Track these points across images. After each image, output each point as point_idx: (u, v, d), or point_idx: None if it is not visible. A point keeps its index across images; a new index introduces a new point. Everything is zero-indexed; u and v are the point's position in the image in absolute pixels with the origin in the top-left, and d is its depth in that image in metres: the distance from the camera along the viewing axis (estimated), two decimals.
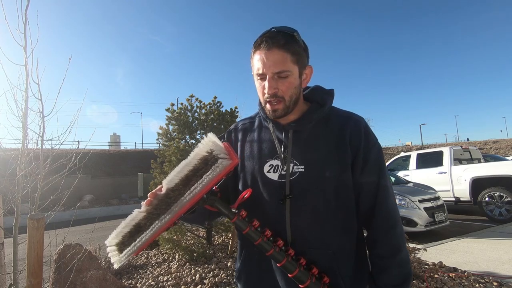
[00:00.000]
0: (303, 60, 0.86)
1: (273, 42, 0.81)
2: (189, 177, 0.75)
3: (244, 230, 0.79)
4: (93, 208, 13.78)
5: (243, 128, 1.02)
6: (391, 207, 0.87)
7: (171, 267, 3.99)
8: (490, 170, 6.57)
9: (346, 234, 0.86)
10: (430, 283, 3.10)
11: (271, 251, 0.78)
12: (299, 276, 0.78)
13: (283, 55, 0.81)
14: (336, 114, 0.92)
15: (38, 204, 2.15)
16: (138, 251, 0.77)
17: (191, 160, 0.75)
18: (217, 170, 0.72)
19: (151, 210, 0.76)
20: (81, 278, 2.75)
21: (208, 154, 0.74)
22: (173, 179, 0.75)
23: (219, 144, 0.73)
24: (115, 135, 40.80)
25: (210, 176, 0.73)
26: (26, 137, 2.05)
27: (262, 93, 0.86)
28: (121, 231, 0.78)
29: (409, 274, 0.84)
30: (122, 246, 0.78)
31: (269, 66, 0.81)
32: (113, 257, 0.78)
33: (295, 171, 0.86)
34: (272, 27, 0.86)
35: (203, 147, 0.74)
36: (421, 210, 5.22)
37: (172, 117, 4.91)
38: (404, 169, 8.37)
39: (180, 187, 0.75)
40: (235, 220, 0.80)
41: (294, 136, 0.89)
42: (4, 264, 2.36)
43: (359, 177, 0.87)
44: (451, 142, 50.87)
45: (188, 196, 0.74)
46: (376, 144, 0.90)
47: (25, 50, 1.98)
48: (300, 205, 0.85)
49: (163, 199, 0.76)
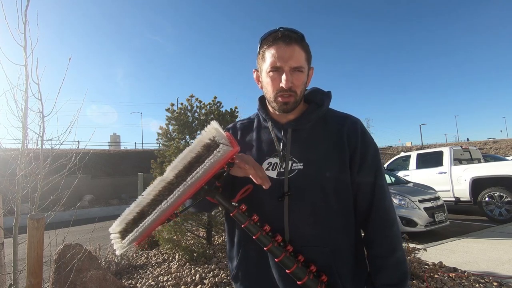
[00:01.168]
0: (310, 60, 0.90)
1: (292, 38, 0.84)
2: (192, 164, 0.76)
3: (244, 224, 0.80)
4: (93, 208, 13.78)
5: (241, 127, 1.03)
6: (388, 207, 0.87)
7: (171, 267, 3.99)
8: (490, 170, 6.57)
9: (344, 233, 0.86)
10: (430, 283, 3.10)
11: (269, 245, 0.79)
12: (297, 272, 0.78)
13: (300, 52, 0.85)
14: (334, 115, 0.95)
15: (38, 204, 2.15)
16: (140, 238, 0.77)
17: (194, 147, 0.76)
18: (218, 155, 0.72)
19: (154, 196, 0.77)
20: (81, 278, 2.75)
21: (211, 141, 0.75)
22: (176, 166, 0.76)
23: (221, 131, 0.74)
24: (115, 135, 40.87)
25: (212, 161, 0.73)
26: (26, 137, 2.05)
27: (274, 86, 0.86)
28: (125, 218, 0.78)
29: (406, 273, 0.84)
30: (125, 233, 0.78)
31: (287, 60, 0.83)
32: (116, 243, 0.78)
33: (293, 169, 0.87)
34: (280, 27, 0.87)
35: (206, 134, 0.75)
36: (421, 210, 5.22)
37: (172, 117, 4.91)
38: (404, 169, 8.37)
39: (183, 173, 0.76)
40: (235, 213, 0.80)
41: (293, 135, 0.91)
42: (4, 264, 2.36)
43: (356, 176, 0.88)
44: (451, 142, 50.93)
45: (190, 180, 0.74)
46: (372, 144, 0.91)
47: (25, 50, 1.98)
48: (298, 202, 0.85)
49: (167, 185, 0.77)
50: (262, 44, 0.89)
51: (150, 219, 0.75)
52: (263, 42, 0.88)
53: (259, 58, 0.91)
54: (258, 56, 0.91)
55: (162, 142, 5.05)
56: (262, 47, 0.88)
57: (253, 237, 0.80)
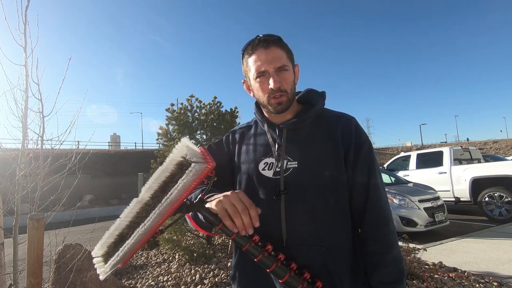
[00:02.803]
0: (293, 58, 0.94)
1: (269, 42, 0.87)
2: (166, 183, 0.74)
3: (231, 236, 0.77)
4: (93, 208, 13.79)
5: (240, 131, 1.06)
6: (383, 204, 0.88)
7: (171, 267, 3.99)
8: (490, 170, 6.57)
9: (342, 231, 0.87)
10: (430, 283, 3.10)
11: (259, 256, 0.77)
12: (290, 282, 0.76)
13: (280, 52, 0.88)
14: (328, 114, 0.96)
15: (38, 204, 2.15)
16: (123, 261, 0.75)
17: (167, 166, 0.73)
18: (190, 175, 0.70)
19: (132, 218, 0.75)
20: (81, 278, 2.75)
21: (183, 159, 0.72)
22: (151, 186, 0.74)
23: (192, 148, 0.71)
24: (115, 135, 40.90)
25: (185, 181, 0.70)
26: (26, 137, 2.05)
27: (264, 90, 0.89)
28: (106, 241, 0.76)
29: (403, 271, 0.84)
30: (108, 256, 0.76)
31: (270, 62, 0.86)
32: (99, 268, 0.76)
33: (289, 167, 0.88)
34: (257, 35, 0.91)
35: (177, 152, 0.72)
36: (421, 210, 5.22)
37: (172, 117, 4.91)
38: (404, 169, 8.37)
39: (159, 194, 0.74)
40: (221, 227, 0.77)
41: (288, 135, 0.92)
42: (4, 264, 2.36)
43: (350, 174, 0.88)
44: (451, 142, 50.92)
45: (165, 202, 0.72)
46: (367, 141, 0.92)
47: (25, 50, 1.99)
48: (295, 201, 0.86)
49: (144, 206, 0.75)
50: (244, 55, 0.92)
51: (129, 242, 0.73)
52: (244, 52, 0.92)
53: (244, 68, 0.94)
54: (243, 66, 0.95)
55: (162, 142, 5.05)
56: (244, 57, 0.92)
57: (243, 249, 0.78)
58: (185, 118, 4.88)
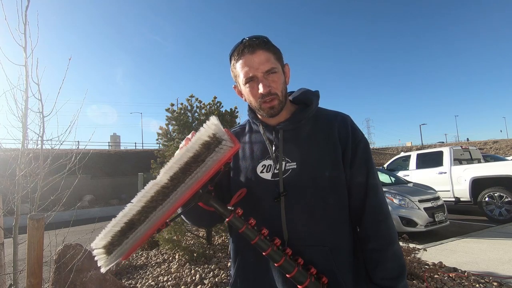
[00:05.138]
0: (281, 58, 0.92)
1: (254, 46, 0.85)
2: (189, 164, 0.71)
3: (241, 229, 0.77)
4: (93, 208, 13.78)
5: (234, 133, 1.04)
6: (380, 201, 0.88)
7: (171, 267, 3.99)
8: (490, 170, 6.57)
9: (342, 231, 0.87)
10: (430, 283, 3.10)
11: (268, 250, 0.77)
12: (298, 276, 0.76)
13: (267, 55, 0.86)
14: (324, 113, 0.96)
15: (38, 204, 2.15)
16: (130, 251, 0.71)
17: (192, 146, 0.70)
18: (221, 152, 0.69)
19: (146, 203, 0.71)
20: (81, 278, 2.75)
21: (210, 139, 0.70)
22: (171, 167, 0.70)
23: (221, 127, 0.70)
24: (115, 135, 40.82)
25: (214, 158, 0.69)
26: (26, 137, 2.05)
27: (255, 95, 0.88)
28: (111, 230, 0.71)
29: (404, 266, 0.84)
30: (111, 247, 0.71)
31: (258, 67, 0.85)
32: (100, 260, 0.71)
33: (287, 168, 0.88)
34: (243, 38, 0.89)
35: (204, 131, 0.70)
36: (421, 210, 5.22)
37: (172, 117, 4.90)
38: (404, 169, 8.36)
39: (180, 175, 0.71)
40: (231, 218, 0.77)
41: (285, 136, 0.92)
42: (4, 264, 2.36)
43: (348, 172, 0.88)
44: (451, 142, 50.92)
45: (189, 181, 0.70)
46: (363, 139, 0.92)
47: (25, 50, 1.99)
48: (294, 202, 0.85)
49: (160, 190, 0.71)
50: (231, 60, 0.91)
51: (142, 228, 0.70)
52: (231, 58, 0.91)
53: (233, 74, 0.93)
54: (232, 72, 0.93)
55: (162, 142, 5.05)
56: (231, 63, 0.91)
57: (251, 242, 0.78)
58: (185, 118, 4.87)
